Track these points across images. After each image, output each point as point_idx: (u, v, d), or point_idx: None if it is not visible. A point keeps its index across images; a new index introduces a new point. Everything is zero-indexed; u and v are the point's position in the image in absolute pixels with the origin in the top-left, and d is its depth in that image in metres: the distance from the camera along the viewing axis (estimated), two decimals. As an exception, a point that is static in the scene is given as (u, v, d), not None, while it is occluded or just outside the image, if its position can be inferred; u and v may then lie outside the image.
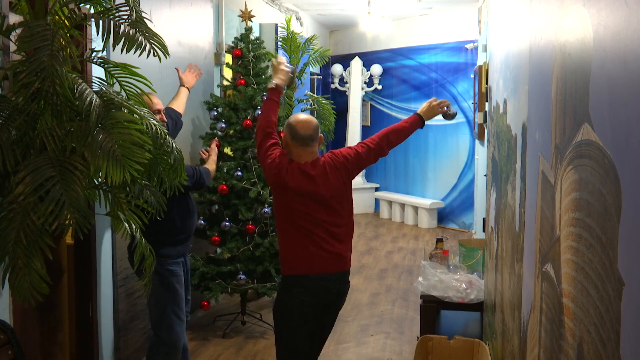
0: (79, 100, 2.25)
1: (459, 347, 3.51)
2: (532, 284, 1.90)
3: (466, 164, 8.89)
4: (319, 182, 2.92)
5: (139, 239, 2.59)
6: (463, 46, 8.78)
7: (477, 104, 6.75)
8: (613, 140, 1.06)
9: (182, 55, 4.73)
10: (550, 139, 1.63)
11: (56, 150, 2.24)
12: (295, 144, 2.94)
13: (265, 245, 4.62)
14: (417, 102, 9.47)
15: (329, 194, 2.94)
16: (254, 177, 4.65)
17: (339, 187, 2.98)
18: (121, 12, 2.46)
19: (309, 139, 2.94)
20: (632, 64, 0.95)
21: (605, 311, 1.08)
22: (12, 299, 2.86)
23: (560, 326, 1.45)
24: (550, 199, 1.61)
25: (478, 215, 7.07)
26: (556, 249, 1.51)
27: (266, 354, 4.38)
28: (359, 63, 10.00)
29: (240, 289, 4.64)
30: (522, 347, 2.14)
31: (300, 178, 2.90)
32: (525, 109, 2.17)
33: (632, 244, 0.94)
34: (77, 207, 2.17)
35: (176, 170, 2.62)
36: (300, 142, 2.93)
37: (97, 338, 3.73)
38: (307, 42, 6.49)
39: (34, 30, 2.23)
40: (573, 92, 1.36)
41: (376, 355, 4.40)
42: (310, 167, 2.93)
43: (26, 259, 2.15)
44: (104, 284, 3.77)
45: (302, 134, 2.93)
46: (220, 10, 5.58)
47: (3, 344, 2.48)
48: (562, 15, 1.49)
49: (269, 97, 3.11)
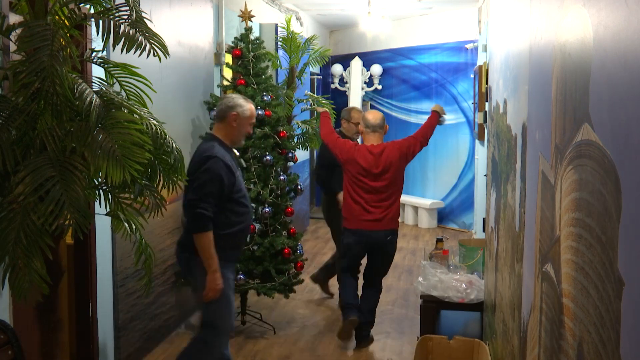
0: (79, 100, 2.25)
1: (459, 347, 3.51)
2: (532, 284, 1.90)
3: (466, 164, 8.89)
4: (379, 159, 4.20)
5: (139, 239, 2.59)
6: (463, 46, 8.78)
7: (477, 104, 6.75)
8: (613, 140, 1.06)
9: (182, 55, 4.73)
10: (550, 139, 1.63)
11: (56, 150, 2.24)
12: (367, 130, 4.31)
13: (265, 245, 4.62)
14: (417, 102, 9.47)
15: (383, 169, 4.20)
16: (254, 177, 4.65)
17: (393, 163, 4.21)
18: (121, 12, 2.46)
19: (378, 126, 4.30)
20: (632, 64, 0.95)
21: (605, 311, 1.08)
22: (12, 299, 2.86)
23: (560, 326, 1.45)
24: (550, 199, 1.61)
25: (478, 215, 7.07)
26: (556, 249, 1.51)
27: (266, 354, 4.38)
28: (359, 63, 10.00)
29: (240, 289, 4.64)
30: (522, 347, 2.14)
31: (367, 155, 4.19)
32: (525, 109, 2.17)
33: (632, 244, 0.94)
34: (77, 207, 2.17)
35: (176, 170, 2.62)
36: (371, 128, 4.27)
37: (97, 338, 3.73)
38: (307, 42, 6.48)
39: (34, 30, 2.23)
40: (573, 92, 1.36)
41: (376, 356, 4.40)
42: (375, 148, 4.22)
43: (26, 259, 2.15)
44: (104, 284, 3.77)
45: (373, 123, 4.27)
46: (220, 10, 5.58)
47: (3, 344, 2.48)
48: (562, 15, 1.49)
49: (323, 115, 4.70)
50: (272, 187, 4.68)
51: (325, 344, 4.59)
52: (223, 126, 3.38)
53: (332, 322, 5.01)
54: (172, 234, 4.61)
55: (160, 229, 4.39)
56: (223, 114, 3.36)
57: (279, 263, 4.69)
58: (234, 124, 3.35)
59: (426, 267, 4.19)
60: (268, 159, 4.65)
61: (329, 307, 5.42)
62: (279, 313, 5.19)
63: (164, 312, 4.50)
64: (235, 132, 3.38)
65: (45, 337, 2.52)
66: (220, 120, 3.39)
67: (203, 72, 5.15)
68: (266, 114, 4.69)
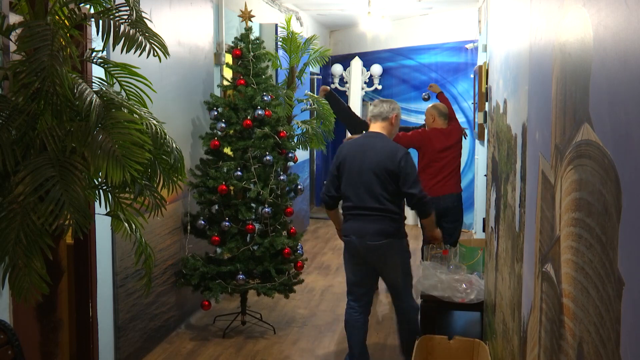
0: (79, 100, 2.25)
1: (459, 347, 3.51)
2: (532, 284, 1.90)
3: (466, 164, 8.88)
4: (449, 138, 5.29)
5: (139, 239, 2.59)
6: (463, 46, 8.78)
7: (477, 104, 6.75)
8: (613, 140, 1.06)
9: (182, 55, 4.73)
10: (550, 139, 1.63)
11: (56, 150, 2.24)
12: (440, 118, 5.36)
13: (265, 245, 4.62)
14: (417, 102, 9.46)
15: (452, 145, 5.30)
16: (254, 177, 4.65)
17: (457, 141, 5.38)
18: (121, 12, 2.46)
19: (447, 115, 5.39)
20: (632, 64, 0.95)
21: (605, 311, 1.08)
22: (12, 299, 2.86)
23: (560, 326, 1.45)
24: (550, 198, 1.61)
25: (478, 215, 7.07)
26: (556, 249, 1.51)
27: (266, 354, 4.38)
28: (359, 63, 9.99)
29: (240, 289, 4.64)
30: (522, 347, 2.14)
31: (441, 136, 5.25)
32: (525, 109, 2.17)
33: (632, 244, 0.94)
34: (77, 207, 2.17)
35: (176, 170, 2.62)
36: (443, 117, 5.36)
37: (97, 338, 3.73)
38: (307, 42, 6.48)
39: (34, 30, 2.22)
40: (573, 92, 1.36)
41: (376, 356, 4.40)
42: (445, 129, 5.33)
43: (26, 259, 2.15)
44: (104, 284, 3.77)
45: (444, 112, 5.38)
46: (220, 10, 5.58)
47: (3, 344, 2.48)
48: (562, 15, 1.49)
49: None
50: (272, 187, 4.68)
51: (325, 344, 4.59)
52: (386, 125, 3.97)
53: (331, 321, 5.01)
54: (172, 234, 4.61)
55: (160, 229, 4.39)
56: (387, 114, 3.96)
57: (279, 263, 4.69)
58: (394, 122, 3.99)
59: (426, 267, 4.19)
60: (268, 159, 4.65)
61: (328, 306, 5.42)
62: (279, 313, 5.19)
63: (164, 312, 4.50)
64: (394, 130, 4.04)
65: (45, 337, 2.52)
66: (384, 119, 3.97)
67: (203, 72, 5.15)
68: (266, 114, 4.69)
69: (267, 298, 4.92)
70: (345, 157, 3.86)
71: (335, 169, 3.89)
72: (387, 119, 3.97)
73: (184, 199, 4.78)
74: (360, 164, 3.77)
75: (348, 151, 3.87)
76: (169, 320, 4.58)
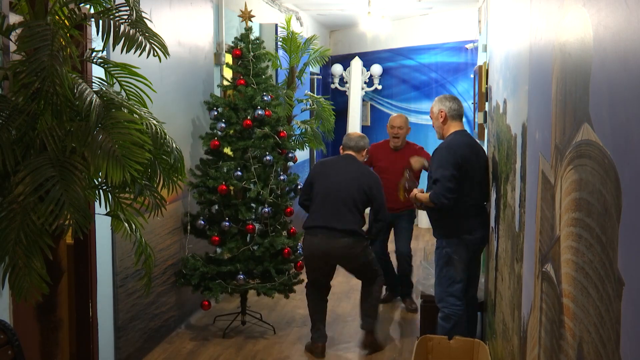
0: (79, 100, 2.25)
1: (459, 347, 3.51)
2: (532, 283, 1.90)
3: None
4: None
5: (139, 239, 2.59)
6: (463, 46, 8.78)
7: (477, 104, 6.74)
8: (613, 140, 1.06)
9: (182, 55, 4.73)
10: (550, 139, 1.63)
11: (56, 150, 2.24)
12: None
13: (265, 245, 4.62)
14: (417, 102, 9.47)
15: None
16: (254, 177, 4.65)
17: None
18: (121, 12, 2.45)
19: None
20: (632, 64, 0.95)
21: (605, 311, 1.08)
22: (12, 299, 2.86)
23: (560, 326, 1.45)
24: (550, 199, 1.61)
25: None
26: (556, 249, 1.51)
27: (266, 354, 4.38)
28: (359, 63, 9.99)
29: (240, 289, 4.64)
30: (522, 347, 2.14)
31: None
32: (525, 109, 2.17)
33: (632, 244, 0.94)
34: (77, 207, 2.16)
35: (176, 170, 2.62)
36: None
37: (97, 338, 3.73)
38: (307, 42, 6.48)
39: (34, 30, 2.22)
40: (573, 92, 1.36)
41: (376, 356, 4.40)
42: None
43: (26, 259, 2.15)
44: (104, 284, 3.77)
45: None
46: (220, 10, 5.57)
47: (3, 344, 2.48)
48: (562, 15, 1.49)
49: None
50: (272, 187, 4.68)
51: (325, 344, 4.59)
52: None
53: (331, 321, 5.01)
54: (172, 234, 4.61)
55: (160, 229, 4.39)
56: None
57: (279, 263, 4.69)
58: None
59: (426, 267, 4.18)
60: (268, 159, 4.65)
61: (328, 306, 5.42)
62: (279, 313, 5.19)
63: (164, 312, 4.50)
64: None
65: (45, 337, 2.51)
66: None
67: (203, 72, 5.15)
68: (266, 114, 4.69)
69: (267, 298, 4.92)
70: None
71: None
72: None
73: (184, 199, 4.78)
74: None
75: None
76: (169, 320, 4.58)
